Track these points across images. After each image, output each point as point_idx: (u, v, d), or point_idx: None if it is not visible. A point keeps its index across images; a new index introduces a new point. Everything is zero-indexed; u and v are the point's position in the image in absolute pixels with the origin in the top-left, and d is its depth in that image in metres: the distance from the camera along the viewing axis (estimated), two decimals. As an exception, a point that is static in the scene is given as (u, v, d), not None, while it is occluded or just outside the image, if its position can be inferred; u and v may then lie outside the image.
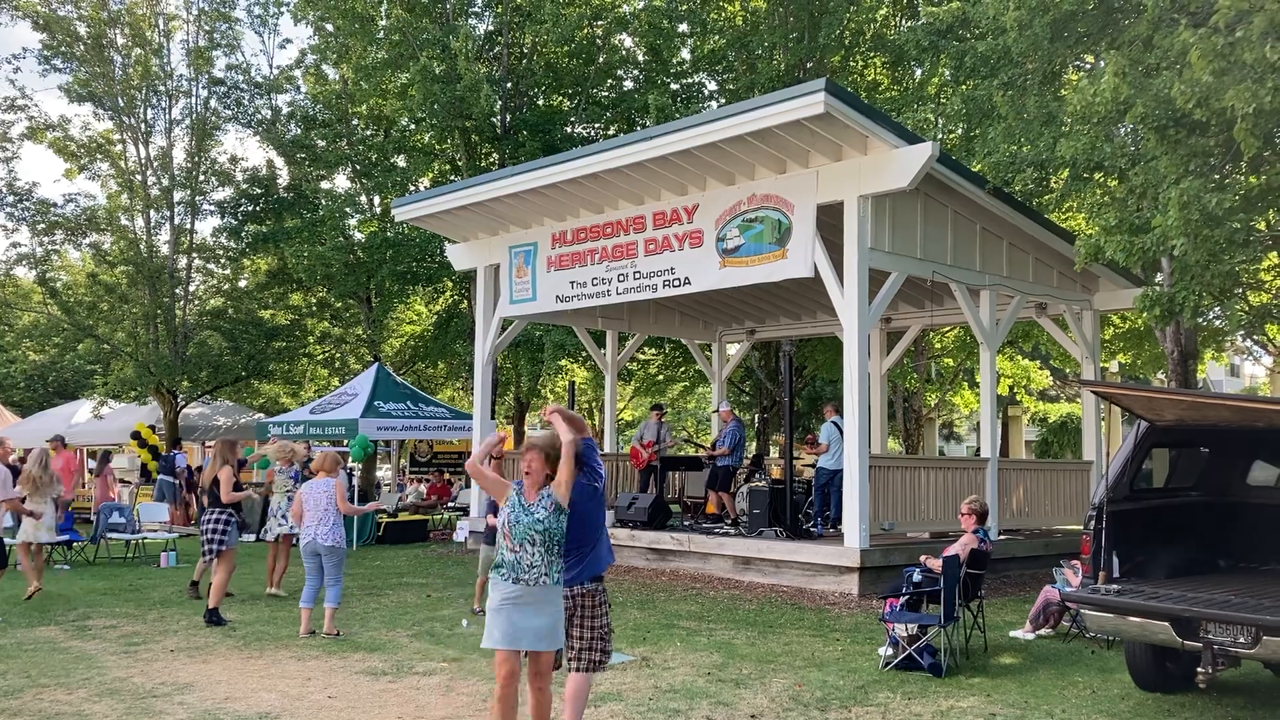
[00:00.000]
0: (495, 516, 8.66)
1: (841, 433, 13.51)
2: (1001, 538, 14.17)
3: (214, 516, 11.05)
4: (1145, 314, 10.79)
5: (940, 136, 21.23)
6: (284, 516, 12.85)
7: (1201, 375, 23.83)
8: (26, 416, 32.18)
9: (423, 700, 7.50)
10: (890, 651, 8.70)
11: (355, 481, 23.34)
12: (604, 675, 8.25)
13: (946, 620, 8.54)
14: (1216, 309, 15.43)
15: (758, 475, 16.43)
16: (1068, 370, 28.23)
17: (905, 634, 8.63)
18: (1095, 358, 16.30)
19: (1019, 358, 26.82)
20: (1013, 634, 10.15)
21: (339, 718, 7.02)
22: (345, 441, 21.06)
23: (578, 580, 6.01)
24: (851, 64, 23.55)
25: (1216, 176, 10.99)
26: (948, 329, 23.95)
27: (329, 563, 10.21)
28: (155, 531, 17.95)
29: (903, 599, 9.10)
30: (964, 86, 15.73)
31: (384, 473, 32.87)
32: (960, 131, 19.57)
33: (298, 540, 12.69)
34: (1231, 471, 8.69)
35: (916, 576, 9.21)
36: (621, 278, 15.09)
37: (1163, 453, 9.10)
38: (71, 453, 21.28)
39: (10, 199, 24.77)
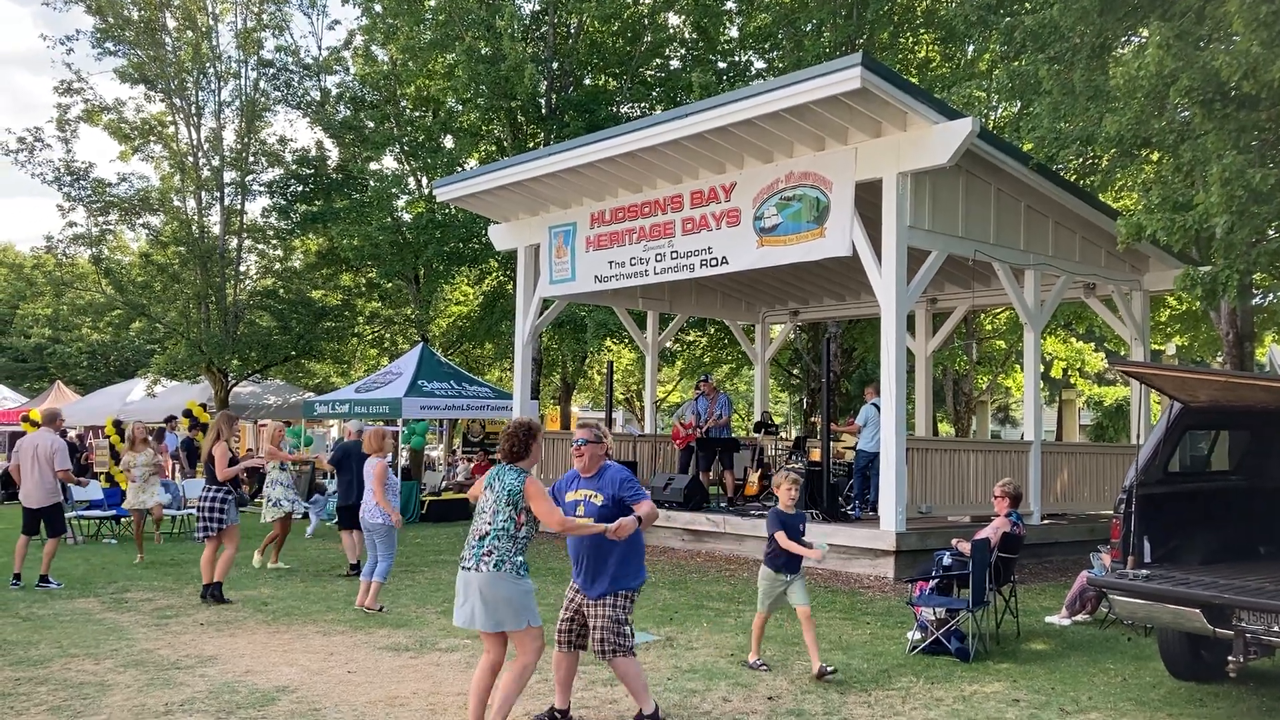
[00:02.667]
0: (786, 534, 7.62)
1: (880, 414, 13.31)
2: (1045, 522, 13.93)
3: (210, 494, 10.78)
4: (1187, 295, 10.46)
5: (991, 114, 20.85)
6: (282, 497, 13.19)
7: (1261, 358, 23.15)
8: (88, 394, 32.92)
9: (440, 676, 7.51)
10: (918, 635, 8.56)
11: (402, 459, 23.57)
12: (625, 655, 8.23)
13: (975, 605, 8.38)
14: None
15: (796, 457, 16.28)
16: (1122, 353, 27.66)
17: (933, 618, 8.49)
18: (1144, 339, 15.91)
19: (1073, 340, 26.31)
20: (1048, 620, 9.94)
21: (355, 692, 7.05)
22: (400, 422, 21.29)
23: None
24: (901, 40, 23.17)
25: (1272, 153, 10.62)
26: (1000, 310, 23.56)
27: (377, 538, 10.30)
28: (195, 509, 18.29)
29: (932, 583, 8.95)
30: (1016, 62, 15.38)
31: (437, 452, 33.16)
32: (1015, 109, 19.18)
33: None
34: (1274, 455, 8.41)
35: (946, 560, 9.04)
36: (659, 258, 15.00)
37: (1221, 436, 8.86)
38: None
39: (68, 178, 25.25)
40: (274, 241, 28.06)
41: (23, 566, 11.51)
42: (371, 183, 25.35)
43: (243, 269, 27.62)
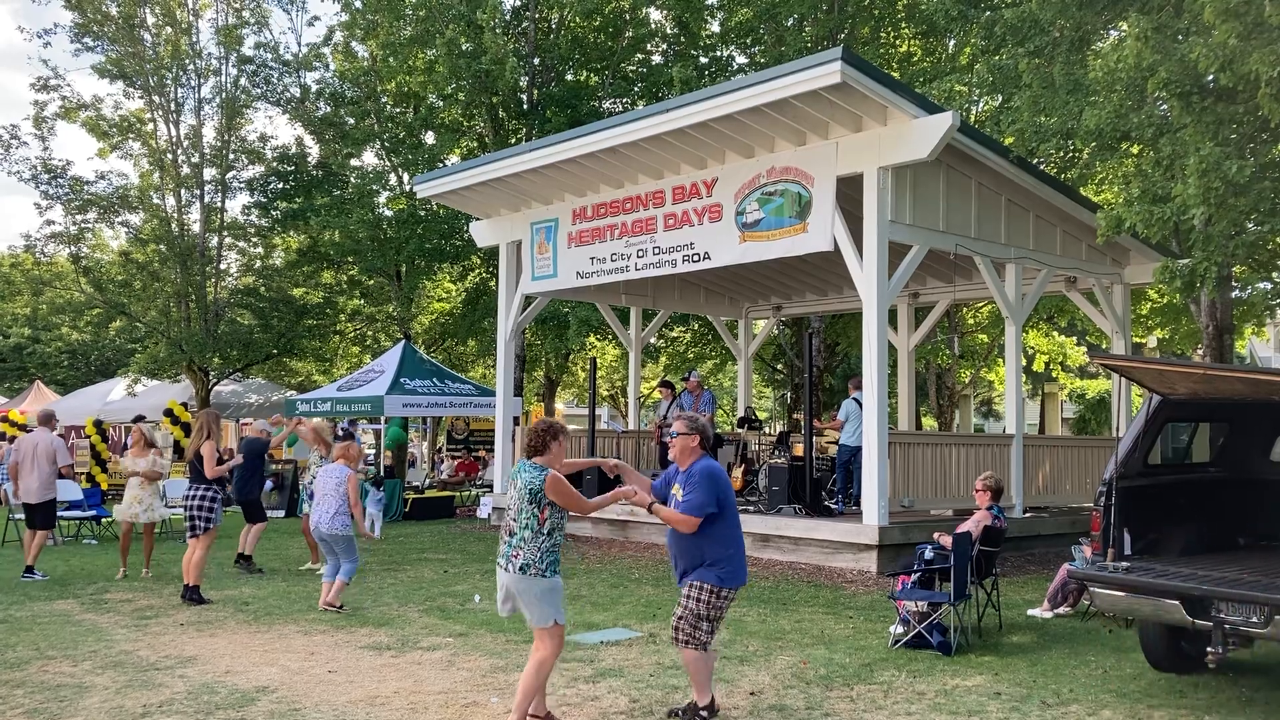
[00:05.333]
0: None
1: (862, 408, 13.33)
2: (1027, 515, 13.97)
3: (198, 493, 10.72)
4: (1166, 287, 10.50)
5: (972, 108, 20.88)
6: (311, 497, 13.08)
7: (1241, 350, 23.29)
8: (68, 394, 32.67)
9: (422, 675, 7.47)
10: (900, 630, 8.56)
11: (385, 458, 23.50)
12: (609, 651, 8.22)
13: (957, 598, 8.39)
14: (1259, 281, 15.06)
15: (780, 452, 16.27)
16: (1104, 346, 27.74)
17: (915, 611, 8.49)
18: (1126, 332, 15.98)
19: (1055, 334, 26.40)
20: (1030, 612, 9.97)
21: (335, 691, 7.01)
22: (383, 419, 21.20)
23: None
24: (882, 35, 23.18)
25: (1250, 145, 10.66)
26: (982, 304, 23.63)
27: (337, 546, 10.16)
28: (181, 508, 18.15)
29: (914, 576, 8.95)
30: (996, 56, 15.42)
31: (420, 448, 33.07)
32: (996, 102, 19.22)
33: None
34: (1253, 447, 8.45)
35: (928, 554, 9.03)
36: (641, 253, 14.97)
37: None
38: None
39: (45, 176, 25.04)
40: (255, 239, 27.89)
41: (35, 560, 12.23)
42: (352, 179, 25.22)
43: (223, 267, 27.45)
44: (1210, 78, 9.67)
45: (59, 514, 15.73)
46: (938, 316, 19.14)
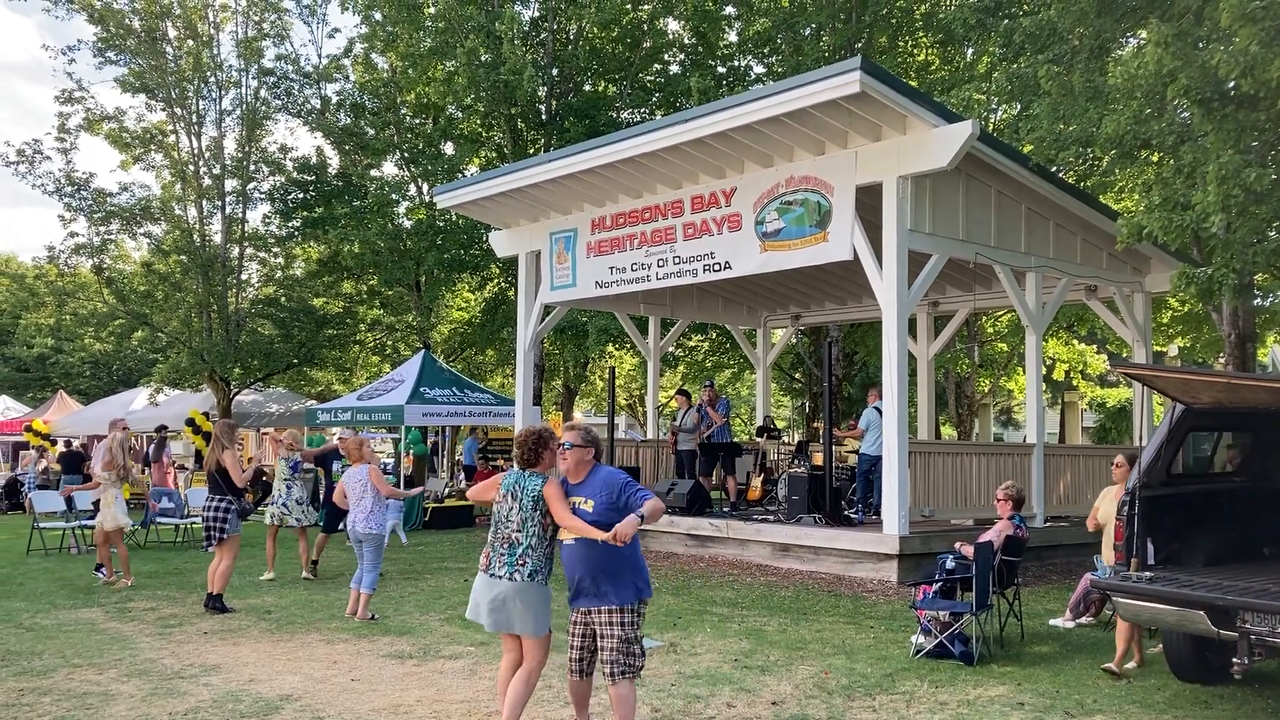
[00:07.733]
0: None
1: (882, 417, 13.30)
2: (1047, 525, 13.90)
3: (215, 504, 10.72)
4: (1184, 294, 10.47)
5: (991, 116, 20.85)
6: (284, 505, 13.14)
7: (1263, 358, 23.14)
8: (90, 404, 32.94)
9: (445, 684, 7.50)
10: (922, 640, 8.54)
11: (405, 468, 23.57)
12: (629, 661, 8.22)
13: (979, 608, 8.36)
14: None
15: (799, 461, 16.26)
16: (1124, 355, 27.60)
17: (937, 621, 8.47)
18: (1146, 341, 15.89)
19: (1075, 342, 26.30)
20: (1052, 622, 9.93)
21: (358, 700, 7.04)
22: (403, 429, 21.28)
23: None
24: (900, 44, 23.20)
25: (1272, 153, 10.62)
26: (1001, 313, 23.56)
27: (367, 549, 10.22)
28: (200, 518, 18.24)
29: (935, 586, 8.94)
30: (1015, 65, 15.42)
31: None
32: (1014, 110, 19.20)
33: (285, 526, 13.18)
34: (1277, 456, 8.39)
35: (950, 563, 9.03)
36: (661, 263, 14.99)
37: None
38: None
39: (69, 189, 25.30)
40: (275, 250, 28.12)
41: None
42: (372, 189, 25.39)
43: (244, 277, 27.67)
44: (1231, 84, 9.64)
45: (81, 524, 15.90)
46: (957, 325, 19.09)
